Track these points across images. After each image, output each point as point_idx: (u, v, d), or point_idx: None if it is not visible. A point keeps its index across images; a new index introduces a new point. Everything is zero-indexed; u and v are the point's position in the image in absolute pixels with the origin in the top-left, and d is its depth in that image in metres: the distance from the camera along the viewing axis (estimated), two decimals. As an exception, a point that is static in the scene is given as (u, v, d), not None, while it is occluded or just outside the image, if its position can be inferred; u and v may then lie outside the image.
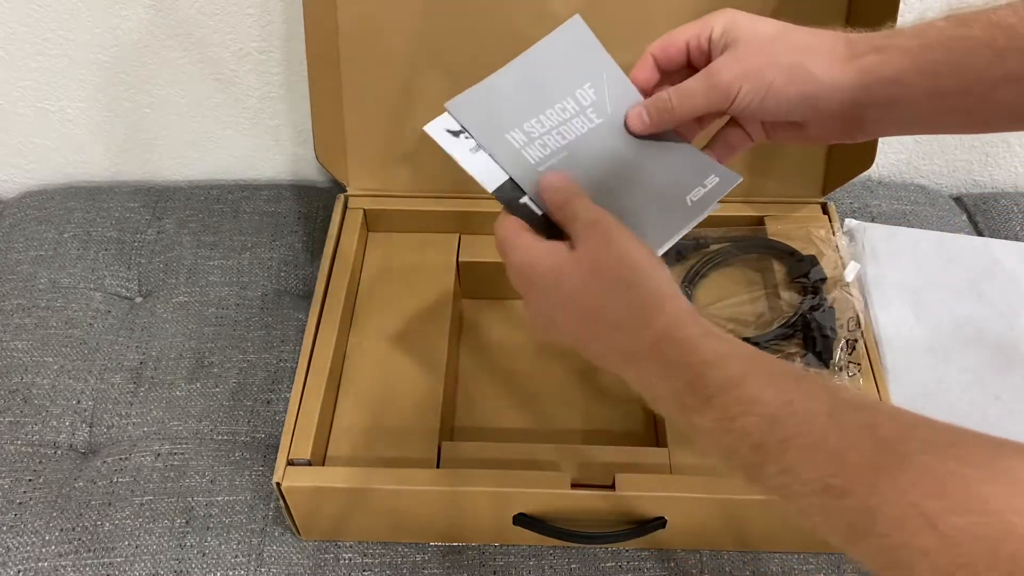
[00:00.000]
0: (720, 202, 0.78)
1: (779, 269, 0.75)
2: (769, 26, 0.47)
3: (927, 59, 0.43)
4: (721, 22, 0.48)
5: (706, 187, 0.51)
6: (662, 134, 0.51)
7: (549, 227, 0.48)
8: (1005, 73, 0.42)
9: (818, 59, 0.45)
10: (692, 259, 0.76)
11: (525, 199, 0.49)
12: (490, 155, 0.49)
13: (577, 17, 0.53)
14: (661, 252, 0.49)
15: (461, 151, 0.49)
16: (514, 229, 0.47)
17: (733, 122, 0.52)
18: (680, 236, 0.50)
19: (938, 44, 0.43)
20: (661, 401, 0.42)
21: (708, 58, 0.48)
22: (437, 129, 0.50)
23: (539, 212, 0.49)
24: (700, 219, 0.51)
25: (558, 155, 0.51)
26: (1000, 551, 0.29)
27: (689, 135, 0.53)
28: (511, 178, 0.49)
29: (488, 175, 0.49)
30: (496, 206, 0.80)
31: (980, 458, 0.31)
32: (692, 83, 0.48)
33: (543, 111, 0.51)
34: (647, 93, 0.52)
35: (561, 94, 0.52)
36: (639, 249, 0.44)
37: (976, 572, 0.29)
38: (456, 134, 0.50)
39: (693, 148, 0.52)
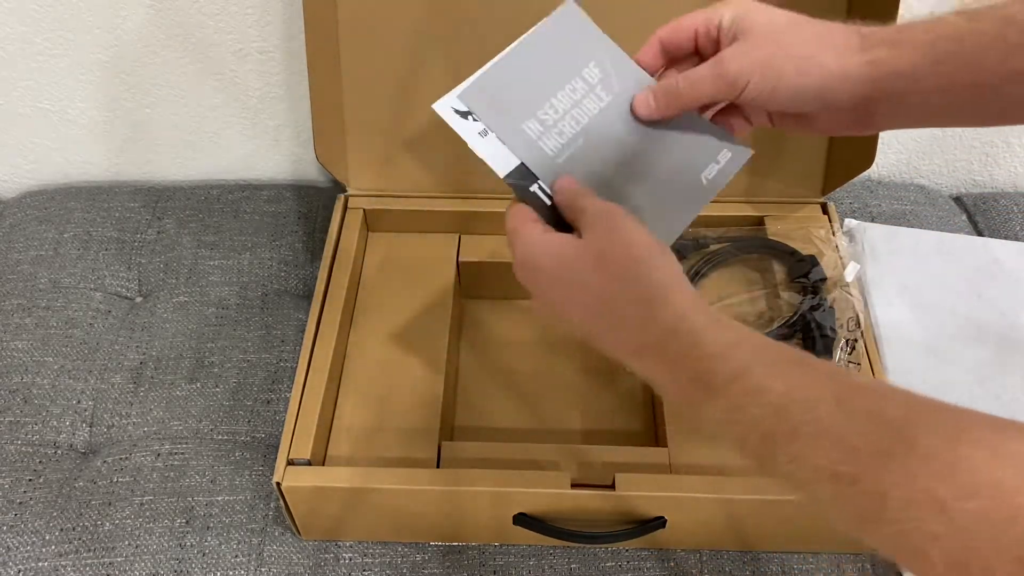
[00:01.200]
0: (720, 202, 0.79)
1: (779, 269, 0.75)
2: (780, 16, 0.47)
3: (938, 53, 0.43)
4: (731, 10, 0.47)
5: (719, 163, 0.51)
6: None
7: (559, 218, 0.48)
8: (1016, 68, 0.42)
9: (830, 52, 0.45)
10: (692, 259, 0.76)
11: (535, 187, 0.49)
12: (501, 140, 0.49)
13: (571, 2, 0.52)
14: (679, 233, 0.49)
15: (470, 133, 0.49)
16: (523, 219, 0.47)
17: (734, 106, 0.52)
18: (696, 216, 0.50)
19: (949, 39, 0.43)
20: (670, 393, 0.42)
21: (717, 46, 0.48)
22: (445, 108, 0.49)
23: (549, 202, 0.49)
24: (713, 196, 0.51)
25: (575, 143, 0.50)
26: (1010, 534, 0.29)
27: None
28: (523, 163, 0.49)
29: (499, 159, 0.49)
30: (496, 206, 0.80)
31: (989, 441, 0.31)
32: (701, 71, 0.48)
33: (554, 94, 0.50)
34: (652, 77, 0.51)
35: (568, 75, 0.51)
36: (645, 240, 0.44)
37: (986, 556, 0.29)
38: (464, 115, 0.49)
39: (705, 120, 0.51)
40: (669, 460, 0.65)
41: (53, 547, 0.66)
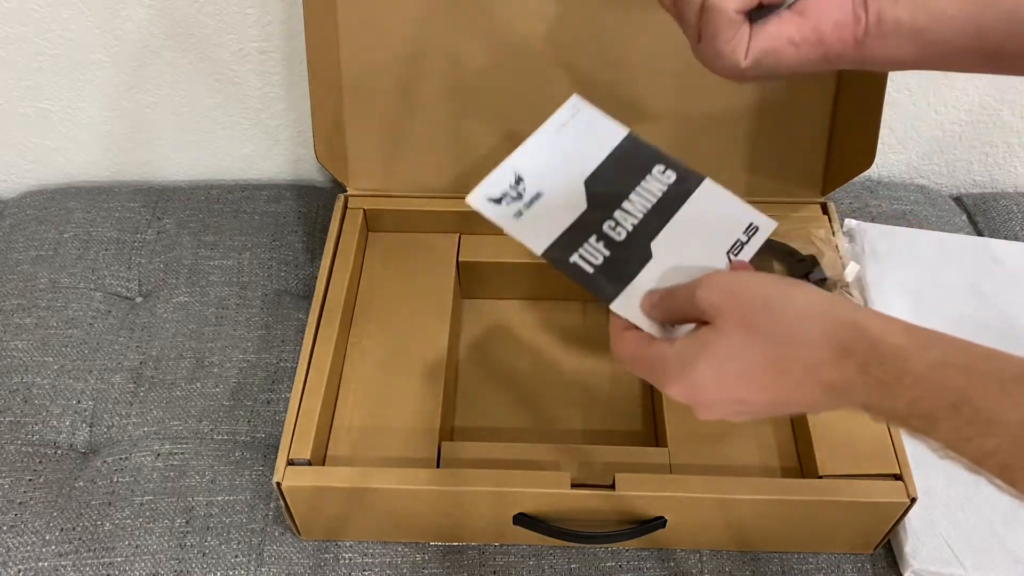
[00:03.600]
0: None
1: (779, 269, 0.75)
2: None
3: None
4: None
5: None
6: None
7: (601, 282, 0.48)
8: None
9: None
10: (692, 259, 0.76)
11: (575, 257, 0.49)
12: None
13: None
14: None
15: (505, 217, 0.50)
16: (641, 343, 0.45)
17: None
18: None
19: None
20: (887, 421, 0.39)
21: None
22: (479, 199, 0.50)
23: (589, 270, 0.48)
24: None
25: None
26: None
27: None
28: (563, 233, 0.49)
29: (535, 238, 0.49)
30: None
31: None
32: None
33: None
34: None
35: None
36: (775, 281, 0.42)
37: None
38: (497, 201, 0.50)
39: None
40: (669, 460, 0.65)
41: (53, 547, 0.66)
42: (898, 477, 0.62)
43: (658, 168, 0.52)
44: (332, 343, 0.68)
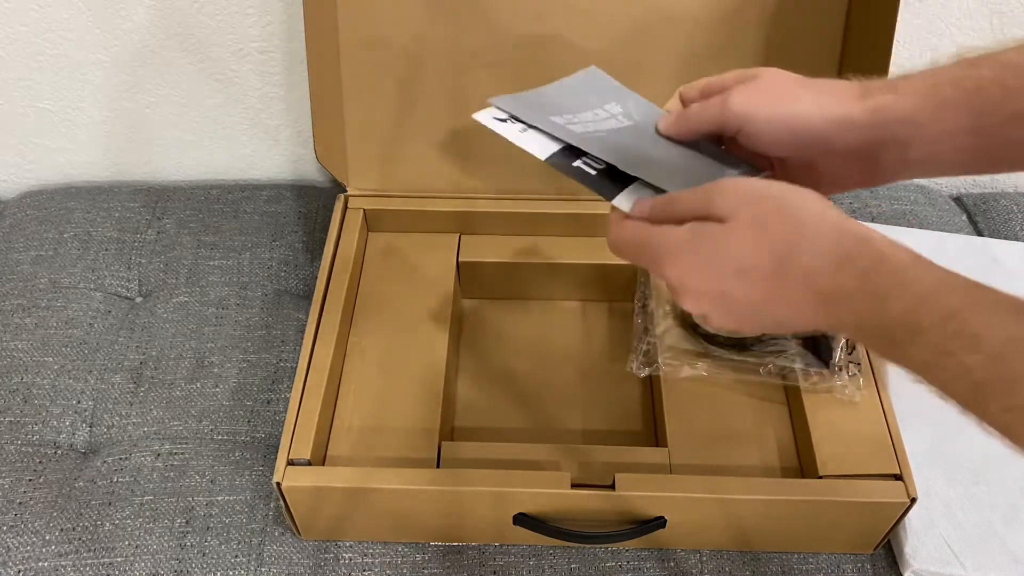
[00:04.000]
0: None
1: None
2: (788, 73, 0.48)
3: (939, 98, 0.44)
4: (744, 70, 0.49)
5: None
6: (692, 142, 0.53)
7: (606, 183, 0.49)
8: (1015, 110, 0.42)
9: (832, 98, 0.46)
10: (692, 259, 0.76)
11: (579, 162, 0.50)
12: (539, 130, 0.51)
13: (593, 67, 0.57)
14: None
15: (512, 132, 0.52)
16: (640, 227, 0.46)
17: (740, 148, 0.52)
18: None
19: (948, 83, 0.44)
20: (868, 337, 0.40)
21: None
22: (486, 117, 0.52)
23: (593, 172, 0.50)
24: None
25: (597, 134, 0.52)
26: None
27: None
28: (565, 146, 0.51)
29: (540, 147, 0.51)
30: (496, 206, 0.80)
31: None
32: (711, 100, 0.49)
33: (579, 112, 0.54)
34: None
35: (591, 105, 0.54)
36: (793, 188, 0.42)
37: None
38: (503, 120, 0.52)
39: (721, 149, 0.53)
40: (669, 460, 0.65)
41: (53, 547, 0.66)
42: (898, 477, 0.62)
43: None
44: (332, 343, 0.68)
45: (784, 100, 0.46)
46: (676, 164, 0.51)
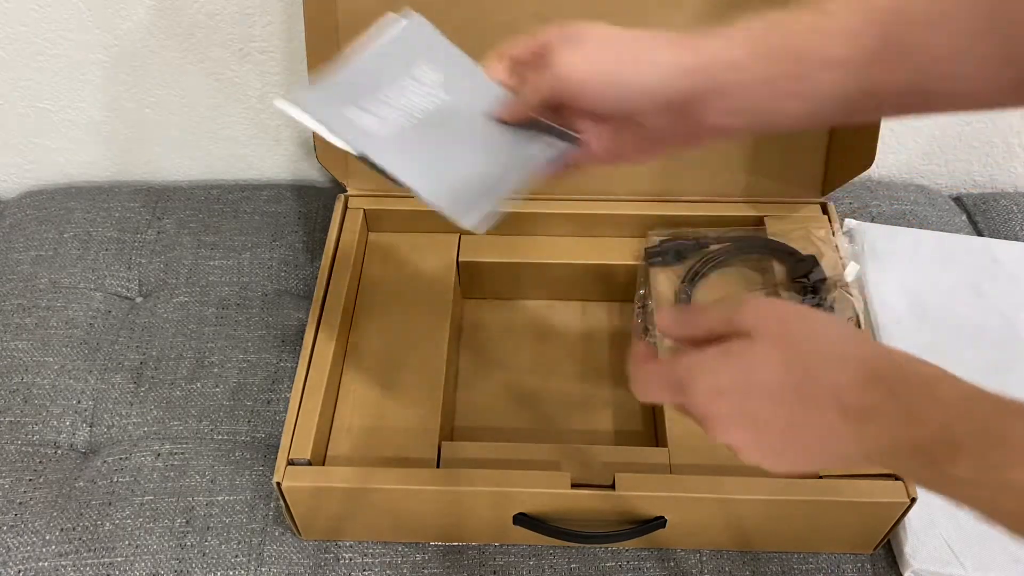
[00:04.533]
0: (720, 202, 0.79)
1: (779, 269, 0.75)
2: (616, 28, 0.47)
3: (758, 44, 0.43)
4: (570, 29, 0.48)
5: (549, 148, 0.51)
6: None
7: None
8: (830, 56, 0.41)
9: (663, 49, 0.45)
10: (692, 259, 0.76)
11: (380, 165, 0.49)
12: (332, 132, 0.49)
13: (417, 17, 0.54)
14: (503, 199, 0.50)
15: (315, 124, 0.49)
16: (663, 361, 0.44)
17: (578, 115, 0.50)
18: (520, 187, 0.51)
19: (769, 28, 0.43)
20: (905, 461, 0.37)
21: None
22: (288, 106, 0.49)
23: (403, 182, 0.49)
24: (537, 173, 0.52)
25: (396, 126, 0.50)
26: None
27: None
28: (360, 151, 0.49)
29: (345, 143, 0.49)
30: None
31: None
32: (539, 72, 0.48)
33: (388, 87, 0.51)
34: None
35: (402, 75, 0.52)
36: (815, 310, 0.42)
37: None
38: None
39: (543, 120, 0.51)
40: (669, 460, 0.65)
41: (53, 547, 0.66)
42: (898, 477, 0.62)
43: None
44: (332, 343, 0.68)
45: (616, 61, 0.45)
46: (489, 155, 0.50)
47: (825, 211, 0.79)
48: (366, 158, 0.49)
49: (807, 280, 0.72)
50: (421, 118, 0.51)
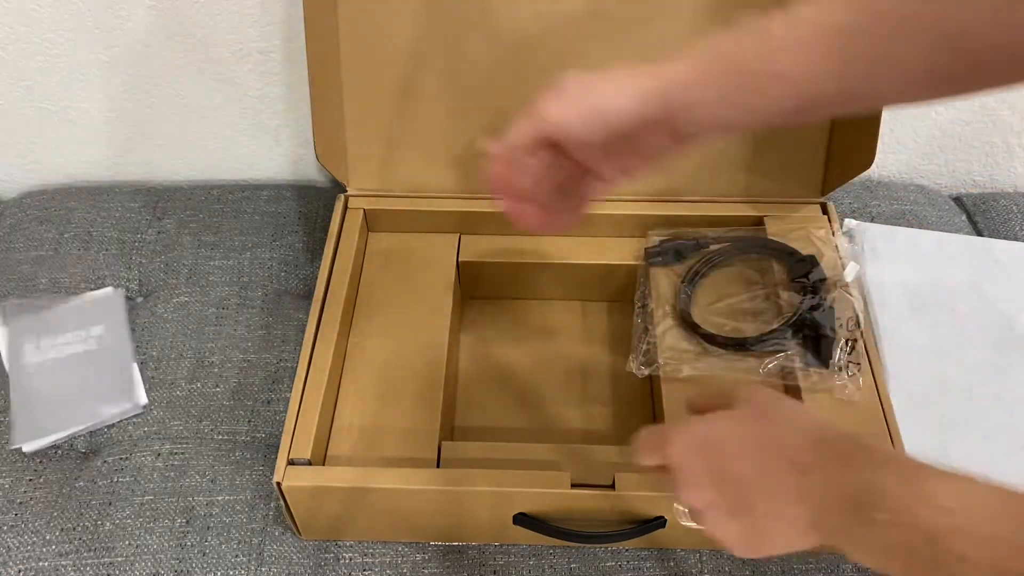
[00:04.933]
0: (720, 202, 0.79)
1: (779, 269, 0.75)
2: (589, 73, 0.50)
3: (709, 64, 0.46)
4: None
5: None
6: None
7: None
8: (776, 71, 0.44)
9: (625, 77, 0.48)
10: (692, 259, 0.76)
11: None
12: None
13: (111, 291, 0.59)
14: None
15: None
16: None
17: (579, 168, 0.53)
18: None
19: (720, 50, 0.46)
20: (836, 509, 0.41)
21: None
22: None
23: None
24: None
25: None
26: None
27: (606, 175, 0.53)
28: None
29: None
30: (494, 206, 0.80)
31: None
32: (521, 119, 0.51)
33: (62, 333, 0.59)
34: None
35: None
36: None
37: None
38: None
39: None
40: (669, 460, 0.65)
41: (53, 547, 0.66)
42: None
43: None
44: (332, 343, 0.68)
45: (589, 94, 0.48)
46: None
47: (825, 211, 0.79)
48: None
49: (807, 280, 0.72)
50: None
